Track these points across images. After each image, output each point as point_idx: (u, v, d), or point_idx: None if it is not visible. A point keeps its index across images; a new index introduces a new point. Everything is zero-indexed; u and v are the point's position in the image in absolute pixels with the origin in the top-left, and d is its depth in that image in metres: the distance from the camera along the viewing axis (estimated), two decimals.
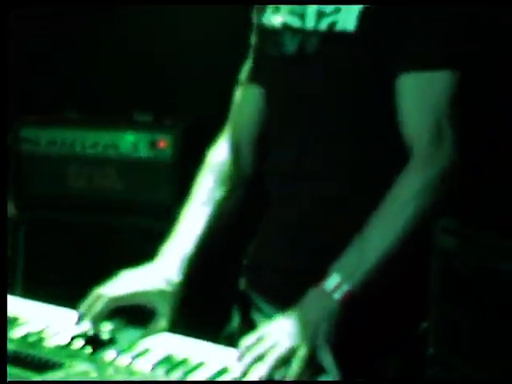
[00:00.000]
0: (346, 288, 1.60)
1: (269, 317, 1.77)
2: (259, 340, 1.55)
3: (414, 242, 1.73)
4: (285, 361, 1.49)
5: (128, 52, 4.64)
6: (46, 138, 3.37)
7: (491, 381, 2.94)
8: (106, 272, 1.81)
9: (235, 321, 1.94)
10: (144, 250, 1.83)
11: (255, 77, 1.97)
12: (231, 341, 1.72)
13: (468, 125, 1.79)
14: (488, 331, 2.98)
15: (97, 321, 1.66)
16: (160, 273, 1.80)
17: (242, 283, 1.97)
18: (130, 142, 3.27)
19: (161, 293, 1.76)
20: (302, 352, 1.50)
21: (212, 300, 3.08)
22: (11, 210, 3.47)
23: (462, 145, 1.74)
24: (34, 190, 3.44)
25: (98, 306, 1.68)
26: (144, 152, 3.25)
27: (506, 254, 2.93)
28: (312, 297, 1.63)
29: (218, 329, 1.92)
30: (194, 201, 1.94)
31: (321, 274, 1.66)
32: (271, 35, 1.88)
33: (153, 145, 3.24)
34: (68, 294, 1.80)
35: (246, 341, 1.55)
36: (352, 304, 1.61)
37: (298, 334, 1.56)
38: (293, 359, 1.49)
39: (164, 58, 4.55)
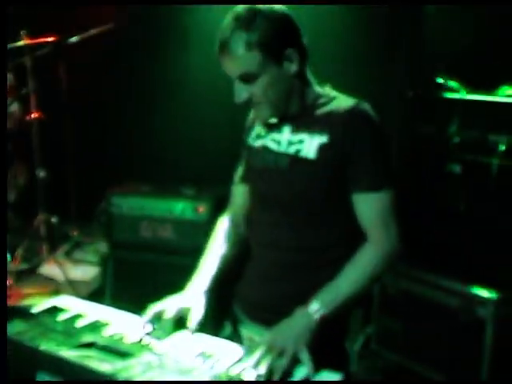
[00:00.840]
0: (322, 312, 1.70)
1: (250, 329, 1.92)
2: (263, 342, 1.65)
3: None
4: (279, 355, 1.59)
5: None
6: (128, 204, 3.47)
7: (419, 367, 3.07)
8: (164, 293, 1.90)
9: (227, 330, 2.02)
10: (188, 280, 1.97)
11: (244, 179, 2.04)
12: None
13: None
14: (411, 333, 3.14)
15: (163, 326, 1.75)
16: (191, 297, 1.86)
17: (233, 305, 2.03)
18: (180, 208, 3.35)
19: (191, 308, 1.82)
20: (289, 351, 1.60)
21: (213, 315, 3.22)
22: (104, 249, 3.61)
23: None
24: (118, 237, 3.51)
25: (165, 314, 1.77)
26: (189, 214, 3.32)
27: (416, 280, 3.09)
28: (299, 315, 1.72)
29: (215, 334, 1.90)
30: (211, 251, 2.02)
31: (276, 308, 1.81)
32: (256, 153, 1.95)
33: (195, 210, 3.32)
34: (140, 307, 1.85)
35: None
36: (323, 322, 1.71)
37: (287, 339, 1.64)
38: (284, 355, 1.59)
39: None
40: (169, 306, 1.82)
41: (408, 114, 3.38)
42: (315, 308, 1.72)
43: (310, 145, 1.81)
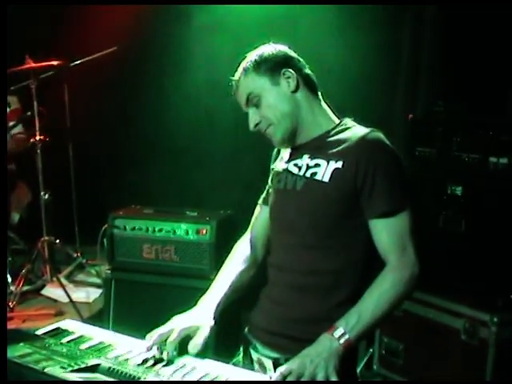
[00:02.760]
0: (347, 337, 1.72)
1: (259, 352, 1.92)
2: (297, 367, 1.66)
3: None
4: (312, 376, 1.64)
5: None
6: (130, 225, 3.45)
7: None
8: (165, 315, 1.89)
9: (239, 354, 2.04)
10: (191, 302, 1.97)
11: (266, 201, 2.11)
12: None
13: None
14: (414, 354, 3.14)
15: (168, 346, 1.72)
16: (200, 315, 1.86)
17: (245, 330, 2.04)
18: (183, 230, 3.33)
19: (201, 328, 1.81)
20: (320, 377, 1.65)
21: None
22: (106, 271, 3.54)
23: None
24: (120, 259, 3.48)
25: (170, 337, 1.74)
26: (192, 236, 3.31)
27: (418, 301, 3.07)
28: (325, 340, 1.73)
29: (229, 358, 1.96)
30: (226, 270, 2.05)
31: (287, 332, 1.84)
32: (278, 175, 2.03)
33: (198, 232, 3.30)
34: (142, 329, 1.85)
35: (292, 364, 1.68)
36: (348, 347, 1.73)
37: (317, 364, 1.66)
38: (317, 375, 1.64)
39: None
40: (175, 326, 1.80)
41: (409, 137, 3.40)
42: (340, 333, 1.74)
43: (325, 169, 1.87)
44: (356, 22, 4.22)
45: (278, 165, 2.05)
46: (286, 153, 2.05)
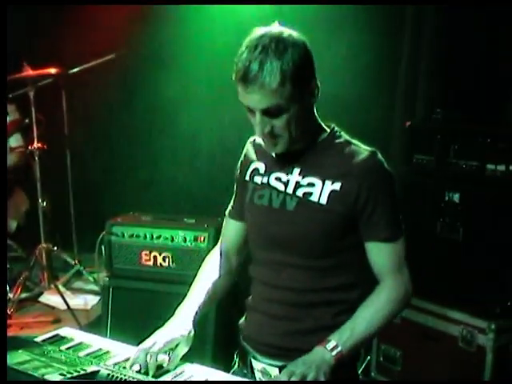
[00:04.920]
0: (339, 349, 1.73)
1: (262, 361, 1.90)
2: (291, 368, 1.68)
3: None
4: (303, 375, 1.64)
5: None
6: (128, 233, 3.43)
7: None
8: (163, 322, 1.90)
9: (236, 361, 2.04)
10: None
11: (236, 214, 2.05)
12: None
13: None
14: (411, 361, 3.14)
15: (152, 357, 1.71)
16: (179, 326, 1.85)
17: (241, 339, 2.01)
18: (181, 237, 3.32)
19: (181, 338, 1.81)
20: (311, 373, 1.65)
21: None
22: (104, 279, 3.51)
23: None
24: (118, 266, 3.46)
25: (152, 349, 1.74)
26: (190, 243, 3.31)
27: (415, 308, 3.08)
28: (318, 351, 1.74)
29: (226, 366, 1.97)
30: (201, 279, 2.04)
31: (287, 344, 1.83)
32: (255, 190, 1.92)
33: (196, 239, 3.30)
34: (139, 336, 1.86)
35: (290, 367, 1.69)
36: (340, 360, 1.73)
37: (308, 368, 1.67)
38: (308, 375, 1.64)
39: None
40: (157, 340, 1.79)
41: (406, 144, 3.42)
42: (333, 345, 1.74)
43: (321, 190, 1.81)
44: (355, 26, 4.23)
45: (252, 177, 1.96)
46: (258, 162, 1.96)
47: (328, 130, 1.90)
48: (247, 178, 1.99)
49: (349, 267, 1.87)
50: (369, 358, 3.39)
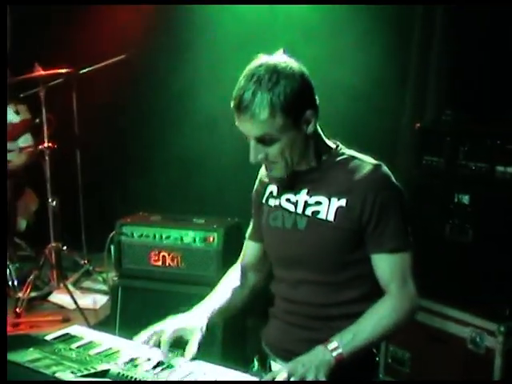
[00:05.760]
0: (340, 351, 1.74)
1: (281, 364, 1.93)
2: (290, 370, 1.69)
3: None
4: (301, 377, 1.67)
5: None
6: (137, 233, 3.45)
7: None
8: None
9: (255, 365, 2.07)
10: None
11: (254, 236, 2.12)
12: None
13: None
14: (420, 363, 3.14)
15: (162, 345, 1.77)
16: (193, 318, 1.91)
17: (262, 344, 2.07)
18: (190, 237, 3.33)
19: (193, 329, 1.85)
20: (310, 376, 1.67)
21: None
22: (113, 279, 3.54)
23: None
24: (127, 265, 3.48)
25: (163, 336, 1.79)
26: (199, 244, 3.31)
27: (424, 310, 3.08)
28: (319, 350, 1.76)
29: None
30: (222, 288, 2.10)
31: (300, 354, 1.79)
32: (270, 212, 1.98)
33: (205, 239, 3.30)
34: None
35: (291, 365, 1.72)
36: (340, 362, 1.74)
37: (308, 367, 1.69)
38: (307, 378, 1.67)
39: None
40: (168, 326, 1.85)
41: (416, 146, 3.42)
42: (334, 346, 1.76)
43: (328, 207, 1.85)
44: (362, 27, 4.23)
45: (267, 200, 2.02)
46: (273, 186, 2.01)
47: (333, 147, 1.94)
48: (263, 200, 2.04)
49: (362, 280, 1.90)
50: (377, 359, 3.37)
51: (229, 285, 2.11)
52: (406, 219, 1.87)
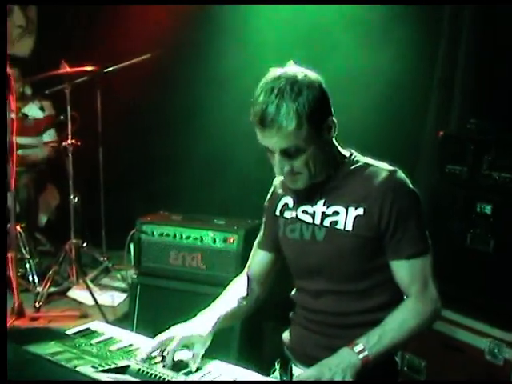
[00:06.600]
0: (366, 354, 1.74)
1: (302, 369, 1.95)
2: (316, 372, 1.70)
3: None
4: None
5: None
6: (158, 231, 3.46)
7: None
8: (188, 320, 1.93)
9: (277, 368, 2.08)
10: None
11: (264, 246, 2.13)
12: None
13: None
14: (435, 372, 3.12)
15: (168, 354, 1.74)
16: (200, 325, 1.89)
17: (284, 349, 2.08)
18: (210, 238, 3.34)
19: (198, 340, 1.83)
20: (338, 379, 1.68)
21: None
22: (132, 276, 3.54)
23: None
24: (147, 264, 3.49)
25: (170, 346, 1.77)
26: (219, 244, 3.32)
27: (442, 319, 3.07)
28: (345, 352, 1.76)
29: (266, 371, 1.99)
30: (226, 296, 2.09)
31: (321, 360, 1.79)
32: (286, 224, 2.00)
33: (225, 240, 3.31)
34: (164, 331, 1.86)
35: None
36: (366, 364, 1.74)
37: (335, 370, 1.70)
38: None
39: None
40: (175, 334, 1.83)
41: (439, 154, 3.41)
42: (360, 348, 1.76)
43: (345, 217, 1.86)
44: (387, 33, 4.22)
45: (282, 212, 2.03)
46: (287, 197, 2.02)
47: (347, 156, 1.95)
48: (277, 213, 2.06)
49: (383, 288, 1.91)
50: (399, 368, 3.36)
51: (234, 294, 2.10)
52: (424, 223, 1.87)
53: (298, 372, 1.96)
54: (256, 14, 4.65)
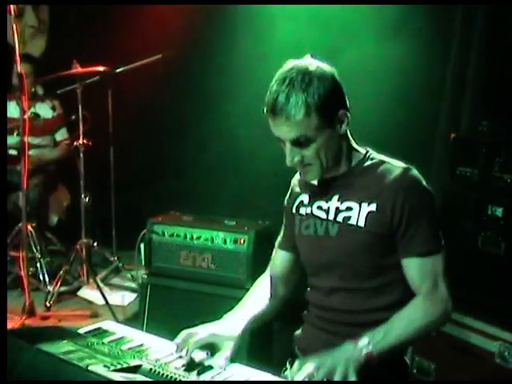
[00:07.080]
0: (369, 349, 1.73)
1: None
2: (318, 360, 1.68)
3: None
4: (330, 372, 1.66)
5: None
6: (168, 232, 3.47)
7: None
8: (200, 322, 1.97)
9: (288, 368, 2.02)
10: (226, 310, 2.07)
11: (284, 245, 2.15)
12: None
13: None
14: (445, 374, 3.12)
15: (191, 350, 1.77)
16: (229, 326, 1.93)
17: (294, 349, 2.09)
18: (221, 238, 3.34)
19: (228, 338, 1.87)
20: (339, 371, 1.65)
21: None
22: (142, 276, 3.55)
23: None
24: (157, 264, 3.51)
25: (196, 337, 1.81)
26: (230, 245, 3.32)
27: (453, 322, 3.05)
28: (348, 346, 1.76)
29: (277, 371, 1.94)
30: (254, 293, 2.13)
31: None
32: (302, 221, 2.02)
33: (236, 241, 3.31)
34: (175, 335, 1.89)
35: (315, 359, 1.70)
36: (369, 360, 1.73)
37: (338, 361, 1.68)
38: (336, 372, 1.66)
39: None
40: (205, 330, 1.86)
41: (450, 156, 3.41)
42: (364, 343, 1.75)
43: (358, 213, 1.87)
44: (400, 35, 4.22)
45: (298, 209, 2.05)
46: (303, 195, 2.04)
47: (363, 153, 1.97)
48: (294, 210, 2.07)
49: (395, 286, 1.92)
50: (409, 370, 3.36)
51: (261, 294, 2.12)
52: (437, 222, 1.88)
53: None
54: (269, 11, 4.64)
